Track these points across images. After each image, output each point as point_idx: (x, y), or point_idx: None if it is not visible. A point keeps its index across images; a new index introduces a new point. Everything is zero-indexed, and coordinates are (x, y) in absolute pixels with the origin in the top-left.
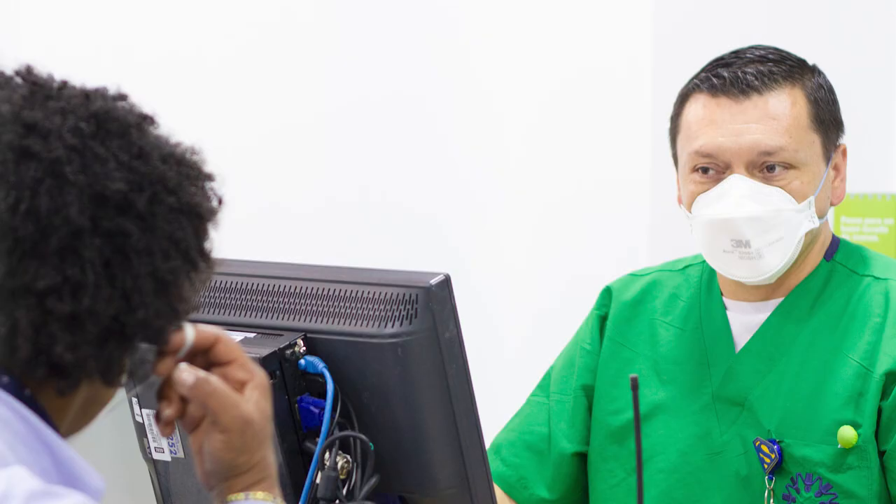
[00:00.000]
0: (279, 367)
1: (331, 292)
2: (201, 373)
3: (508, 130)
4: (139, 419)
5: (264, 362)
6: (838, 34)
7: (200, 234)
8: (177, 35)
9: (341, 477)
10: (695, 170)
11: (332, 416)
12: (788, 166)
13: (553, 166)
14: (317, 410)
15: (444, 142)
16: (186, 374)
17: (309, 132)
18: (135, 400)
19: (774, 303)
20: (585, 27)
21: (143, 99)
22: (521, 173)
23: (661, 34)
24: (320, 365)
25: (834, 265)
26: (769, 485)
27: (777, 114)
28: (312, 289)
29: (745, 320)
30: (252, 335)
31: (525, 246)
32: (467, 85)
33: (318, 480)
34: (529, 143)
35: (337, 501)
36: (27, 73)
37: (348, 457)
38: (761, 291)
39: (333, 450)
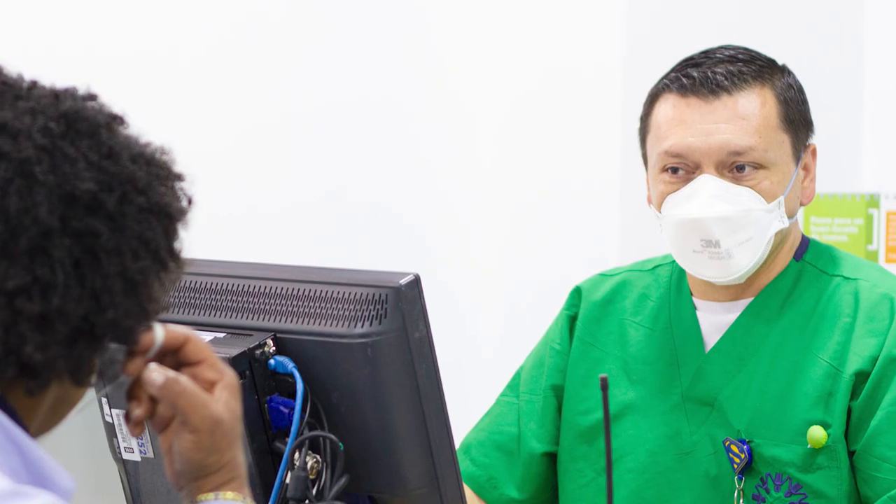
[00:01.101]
0: (249, 367)
1: (300, 292)
2: (171, 373)
3: (479, 130)
4: (109, 419)
5: (234, 362)
6: (808, 34)
7: (170, 234)
8: (147, 36)
9: (311, 477)
10: (664, 170)
11: (302, 417)
12: (758, 166)
13: (523, 166)
14: (286, 410)
15: (415, 142)
16: (156, 374)
17: (279, 132)
18: (104, 400)
19: (744, 303)
20: (556, 28)
21: (113, 99)
22: (492, 173)
23: (632, 34)
24: (290, 365)
25: (803, 265)
26: (739, 485)
27: (747, 114)
28: (282, 289)
29: (714, 320)
30: (222, 335)
31: (495, 246)
32: (439, 85)
33: (287, 480)
34: (500, 142)
35: (306, 501)
36: None
37: (318, 457)
38: (731, 291)
39: (303, 450)
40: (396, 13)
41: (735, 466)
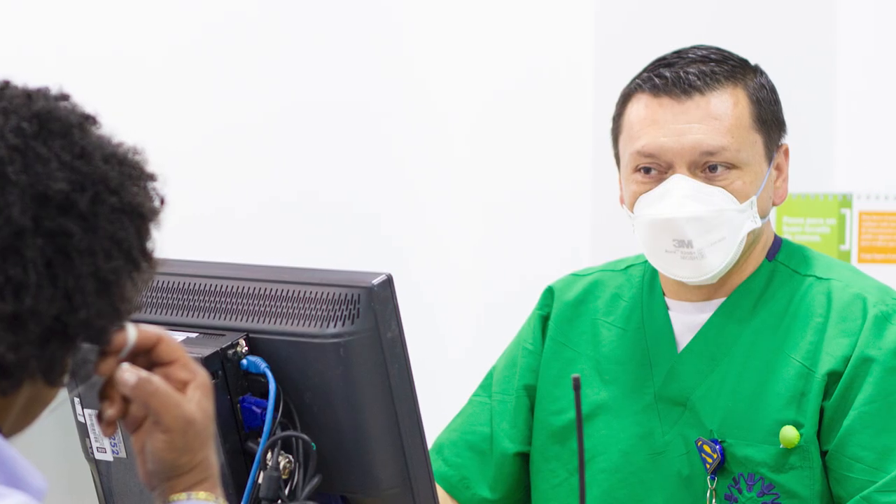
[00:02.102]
0: (221, 367)
1: (273, 292)
2: (143, 373)
3: (451, 131)
4: (81, 419)
5: (206, 362)
6: (780, 34)
7: (142, 234)
8: (120, 36)
9: (283, 477)
10: (637, 170)
11: (275, 416)
12: (730, 166)
13: (496, 166)
14: (259, 410)
15: (388, 142)
16: (128, 374)
17: (251, 132)
18: (77, 400)
19: (716, 303)
20: (528, 28)
21: (86, 99)
22: (464, 173)
23: (603, 34)
24: (262, 365)
25: (776, 265)
26: (711, 485)
27: (719, 114)
28: (254, 289)
29: (687, 320)
30: (194, 335)
31: (467, 246)
32: (411, 86)
33: (260, 480)
34: (472, 143)
35: (279, 501)
36: None
37: (290, 457)
38: (703, 291)
39: (275, 450)
40: (369, 14)
41: (707, 466)
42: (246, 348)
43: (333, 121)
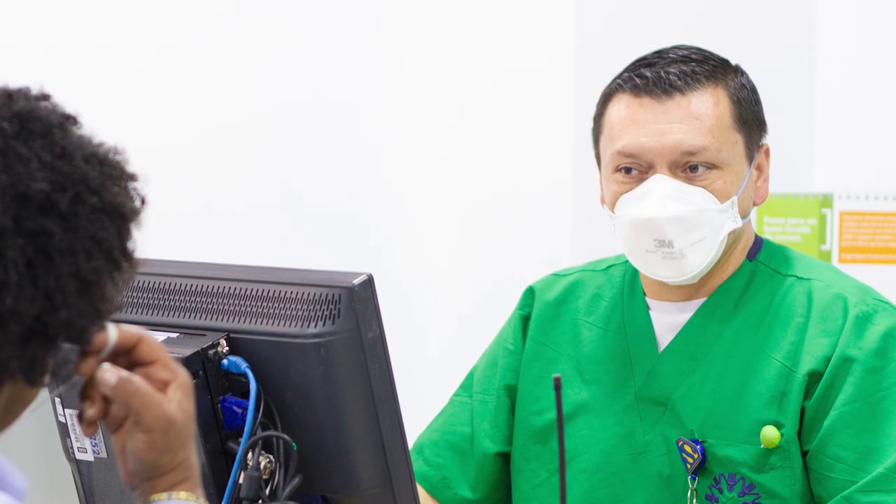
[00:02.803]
0: (202, 367)
1: (254, 292)
2: (124, 373)
3: (432, 131)
4: (62, 419)
5: (187, 362)
6: (761, 34)
7: (123, 234)
8: (101, 36)
9: (264, 477)
10: (617, 170)
11: (255, 417)
12: (711, 166)
13: (476, 166)
14: (239, 410)
15: (368, 142)
16: (109, 374)
17: (231, 132)
18: (58, 400)
19: (697, 303)
20: (508, 28)
21: (66, 99)
22: (444, 173)
23: (584, 34)
24: (243, 365)
25: (757, 265)
26: (692, 485)
27: (700, 114)
28: (235, 289)
29: (667, 320)
30: (175, 335)
31: (448, 246)
32: (391, 85)
33: (241, 480)
34: (452, 143)
35: (260, 501)
36: None
37: (271, 457)
38: (684, 291)
39: (256, 450)
40: (349, 14)
41: (688, 466)
42: (227, 348)
43: (315, 121)
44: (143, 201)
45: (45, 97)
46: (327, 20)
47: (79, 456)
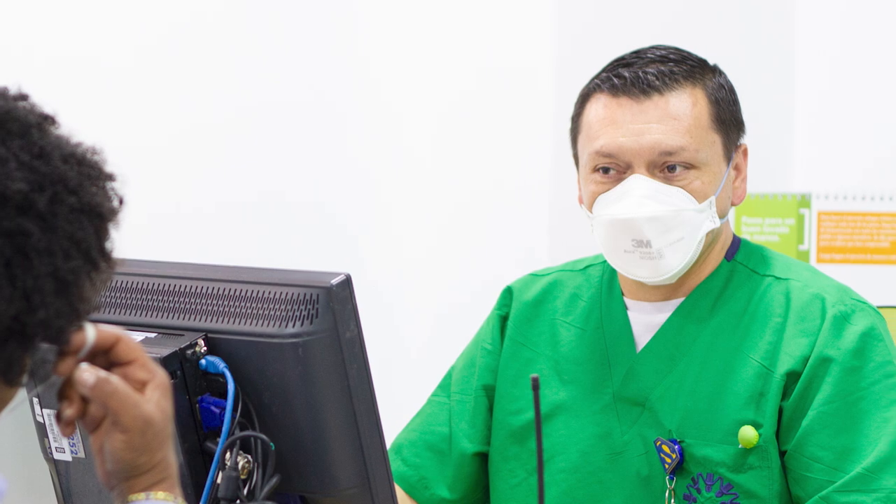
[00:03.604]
0: (180, 366)
1: (232, 292)
2: (102, 373)
3: (410, 131)
4: (40, 419)
5: (165, 362)
6: (739, 34)
7: (101, 234)
8: (78, 36)
9: (242, 477)
10: (596, 170)
11: (233, 416)
12: (689, 166)
13: (454, 167)
14: (217, 410)
15: (347, 142)
16: (87, 374)
17: (210, 132)
18: (35, 400)
19: (675, 303)
20: (487, 28)
21: (44, 99)
22: (423, 174)
23: (563, 34)
24: (221, 365)
25: (735, 265)
26: (670, 485)
27: (678, 114)
28: (213, 289)
29: (646, 320)
30: (153, 335)
31: (426, 246)
32: (370, 85)
33: (218, 480)
34: (431, 143)
35: (238, 501)
36: None
37: (249, 457)
38: (662, 291)
39: (234, 450)
40: (328, 13)
41: (666, 466)
42: (205, 348)
43: (293, 121)
44: (121, 201)
45: (23, 97)
46: (308, 20)
47: (57, 456)
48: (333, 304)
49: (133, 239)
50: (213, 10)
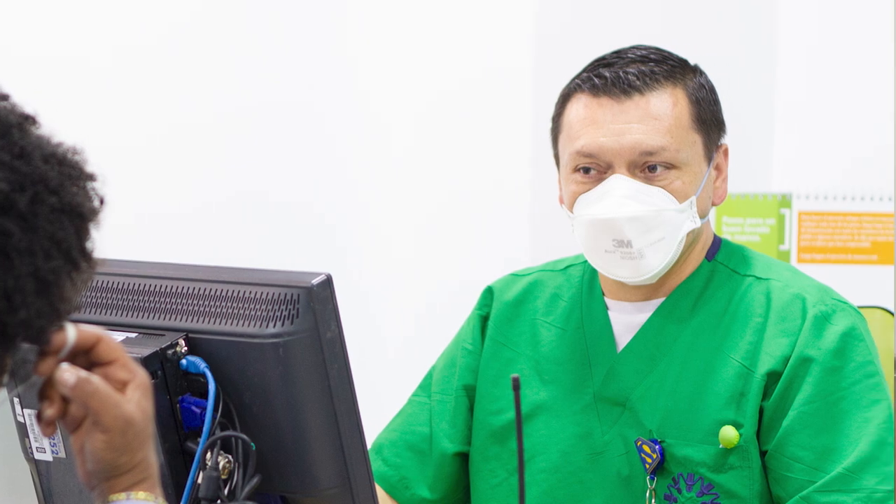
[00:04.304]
0: (161, 367)
1: (212, 292)
2: (83, 373)
3: (391, 131)
4: (21, 419)
5: (146, 362)
6: (720, 34)
7: (82, 234)
8: (60, 36)
9: (223, 477)
10: (576, 170)
11: (214, 416)
12: (670, 166)
13: (435, 167)
14: (198, 410)
15: (328, 142)
16: (68, 374)
17: (192, 132)
18: (16, 400)
19: (656, 303)
20: (468, 29)
21: (25, 99)
22: (404, 174)
23: (543, 35)
24: (202, 365)
25: (715, 265)
26: (651, 485)
27: (658, 114)
28: (194, 289)
29: (626, 320)
30: (133, 335)
31: (407, 246)
32: (352, 86)
33: (199, 480)
34: (412, 143)
35: (218, 501)
36: None
37: (230, 457)
38: (643, 291)
39: (215, 450)
40: (310, 15)
41: (647, 466)
42: (185, 348)
43: (275, 121)
44: (101, 201)
45: (4, 97)
46: (290, 21)
47: (37, 456)
48: (314, 304)
49: (114, 239)
50: (197, 11)
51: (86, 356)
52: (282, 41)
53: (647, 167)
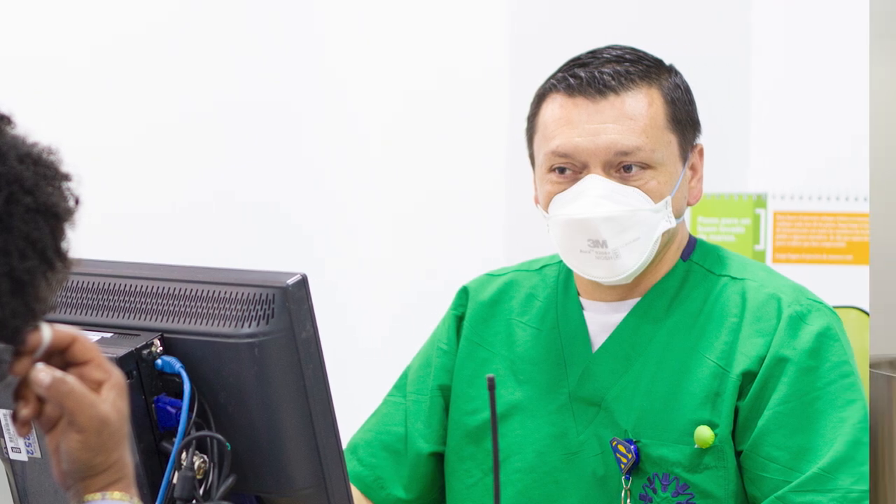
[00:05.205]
0: (136, 367)
1: (188, 292)
2: (58, 373)
3: (366, 131)
4: None
5: (121, 362)
6: (695, 34)
7: (57, 234)
8: (36, 36)
9: (198, 477)
10: (552, 170)
11: (189, 416)
12: (645, 166)
13: (411, 167)
14: (173, 410)
15: (303, 142)
16: (43, 374)
17: (167, 132)
18: None
19: (631, 303)
20: (442, 29)
21: (0, 99)
22: (379, 173)
23: (517, 34)
24: (177, 365)
25: (691, 265)
26: (626, 485)
27: (634, 114)
28: (169, 289)
29: (602, 320)
30: (109, 335)
31: (382, 246)
32: (326, 86)
33: (174, 480)
34: (387, 143)
35: (194, 501)
36: None
37: (205, 457)
38: (618, 291)
39: (190, 450)
40: (283, 15)
41: (622, 466)
42: (160, 348)
43: (249, 121)
44: (76, 201)
45: None
46: (263, 21)
47: (13, 456)
48: (289, 305)
49: (89, 239)
50: (167, 11)
51: (61, 356)
52: (254, 41)
53: (622, 167)
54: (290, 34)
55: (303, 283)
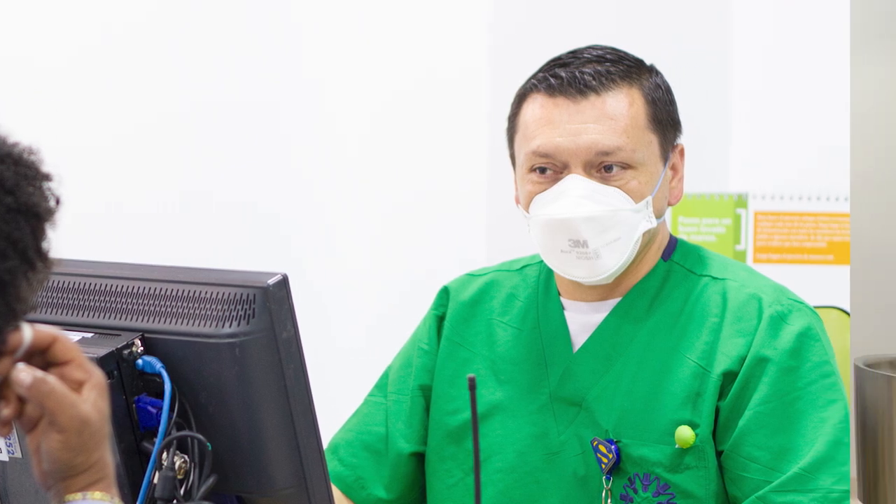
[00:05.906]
0: (117, 367)
1: (168, 292)
2: (39, 373)
3: (347, 131)
4: None
5: (102, 362)
6: (676, 35)
7: (38, 234)
8: (16, 36)
9: (179, 477)
10: (532, 170)
11: (170, 416)
12: (626, 166)
13: (391, 167)
14: (154, 410)
15: (284, 142)
16: (24, 373)
17: (148, 132)
18: None
19: (612, 303)
20: (423, 28)
21: None
22: (360, 174)
23: (498, 34)
24: (158, 365)
25: (671, 265)
26: (607, 485)
27: (614, 114)
28: (150, 289)
29: (582, 320)
30: (89, 335)
31: (363, 246)
32: (307, 86)
33: (155, 480)
34: (368, 143)
35: (174, 501)
36: None
37: (186, 457)
38: (599, 291)
39: (171, 450)
40: (264, 15)
41: (603, 466)
42: (141, 348)
43: (230, 121)
44: (57, 201)
45: None
46: (241, 21)
47: None
48: (270, 305)
49: (70, 239)
50: (143, 11)
51: (42, 356)
52: (232, 41)
53: (603, 167)
54: (270, 34)
55: (283, 283)
